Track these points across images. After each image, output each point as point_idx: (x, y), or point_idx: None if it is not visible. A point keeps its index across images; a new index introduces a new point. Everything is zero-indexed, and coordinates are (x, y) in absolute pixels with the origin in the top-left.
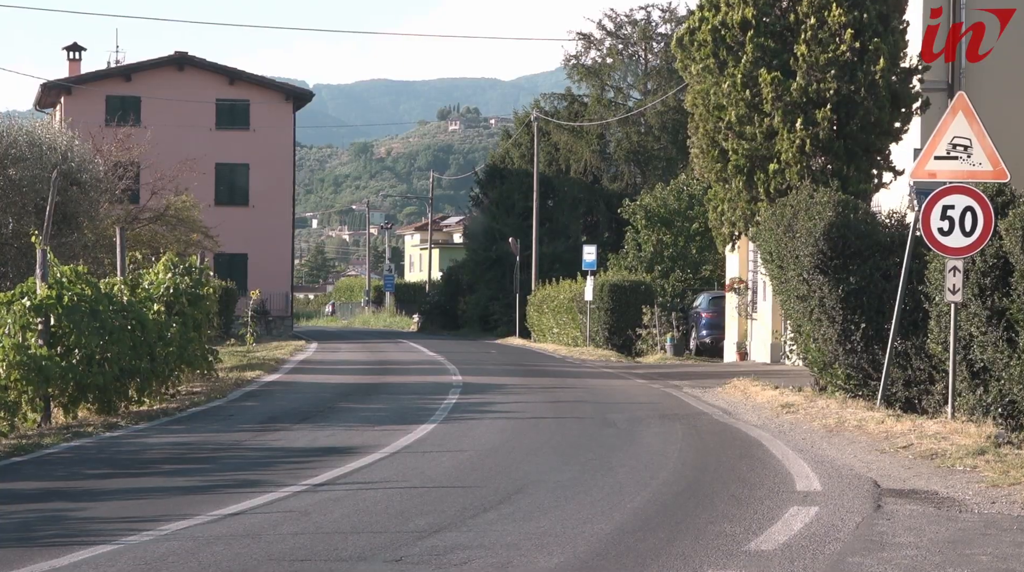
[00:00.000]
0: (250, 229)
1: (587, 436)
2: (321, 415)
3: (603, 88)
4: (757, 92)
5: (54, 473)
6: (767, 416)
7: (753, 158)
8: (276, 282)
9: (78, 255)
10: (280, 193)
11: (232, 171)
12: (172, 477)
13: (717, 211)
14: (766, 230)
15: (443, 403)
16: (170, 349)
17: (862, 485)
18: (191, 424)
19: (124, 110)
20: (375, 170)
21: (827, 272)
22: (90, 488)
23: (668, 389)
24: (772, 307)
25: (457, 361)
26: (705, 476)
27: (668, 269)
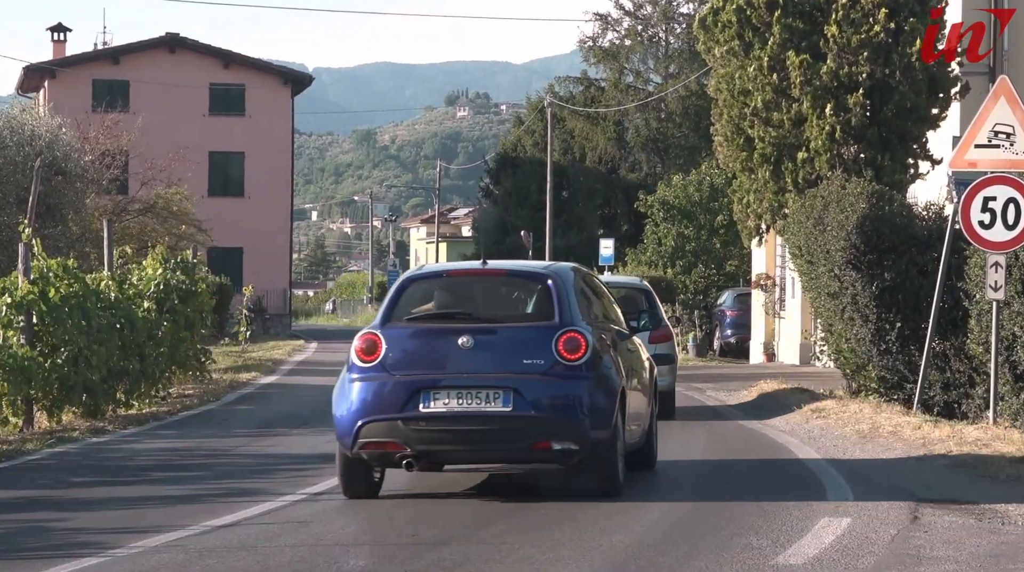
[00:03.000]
0: (246, 222)
1: None
2: (321, 419)
3: (621, 72)
4: (785, 76)
5: (37, 481)
6: (796, 421)
7: (780, 146)
8: (273, 278)
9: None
10: (278, 183)
11: (227, 160)
12: (162, 485)
13: (742, 203)
14: (795, 223)
15: None
16: (161, 349)
17: (897, 495)
18: (183, 429)
19: (112, 95)
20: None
21: (860, 268)
22: (75, 497)
23: (690, 392)
24: (801, 305)
25: None
26: (730, 485)
27: (690, 264)
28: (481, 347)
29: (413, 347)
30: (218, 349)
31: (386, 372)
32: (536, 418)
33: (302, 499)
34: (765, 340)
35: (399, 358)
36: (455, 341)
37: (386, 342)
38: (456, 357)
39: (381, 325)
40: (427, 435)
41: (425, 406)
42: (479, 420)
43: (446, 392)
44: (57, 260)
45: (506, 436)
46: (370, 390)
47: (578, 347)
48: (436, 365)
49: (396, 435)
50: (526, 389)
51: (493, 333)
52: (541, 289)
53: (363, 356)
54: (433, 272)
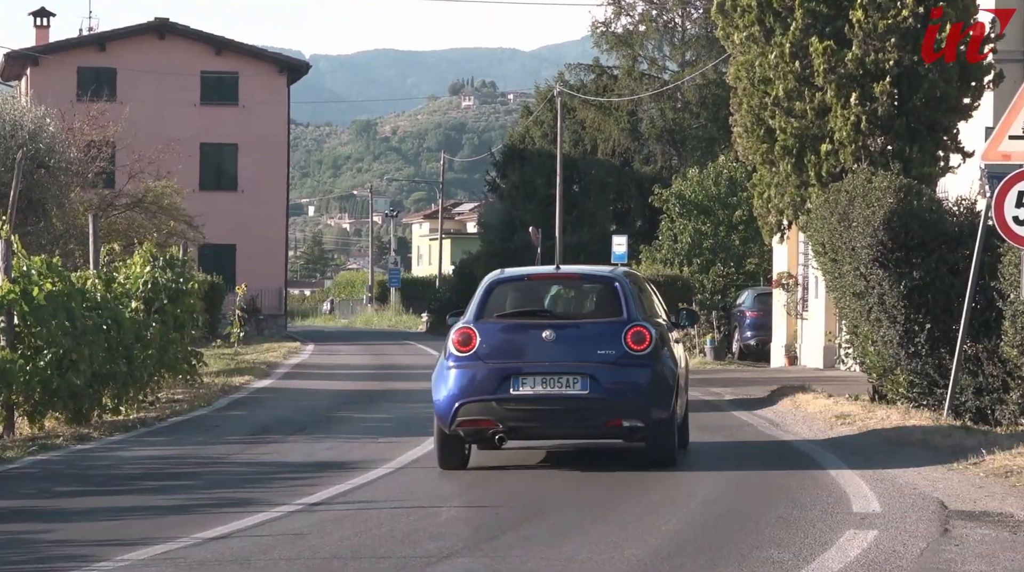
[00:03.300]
0: (239, 217)
1: (614, 450)
2: (318, 425)
3: (635, 59)
4: (808, 63)
5: (18, 490)
6: (819, 428)
7: (803, 138)
8: (268, 276)
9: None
10: (273, 177)
11: (219, 152)
12: (151, 495)
13: (763, 197)
14: (818, 219)
15: None
16: (149, 351)
17: (927, 506)
18: (172, 435)
19: (98, 83)
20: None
21: (887, 266)
22: (59, 507)
23: (708, 397)
24: (825, 305)
25: None
26: (749, 495)
27: (708, 262)
28: (561, 339)
29: (503, 339)
30: (209, 351)
31: (480, 360)
32: (609, 400)
33: (298, 510)
34: (787, 342)
35: (491, 348)
36: (539, 334)
37: (480, 335)
38: (540, 348)
39: (474, 320)
40: (517, 414)
41: (515, 389)
42: (561, 401)
43: (532, 377)
44: (40, 258)
45: (583, 415)
46: (466, 376)
47: (643, 339)
48: (523, 354)
49: (490, 414)
50: (600, 375)
51: (571, 328)
52: (609, 290)
53: (460, 347)
54: (516, 276)
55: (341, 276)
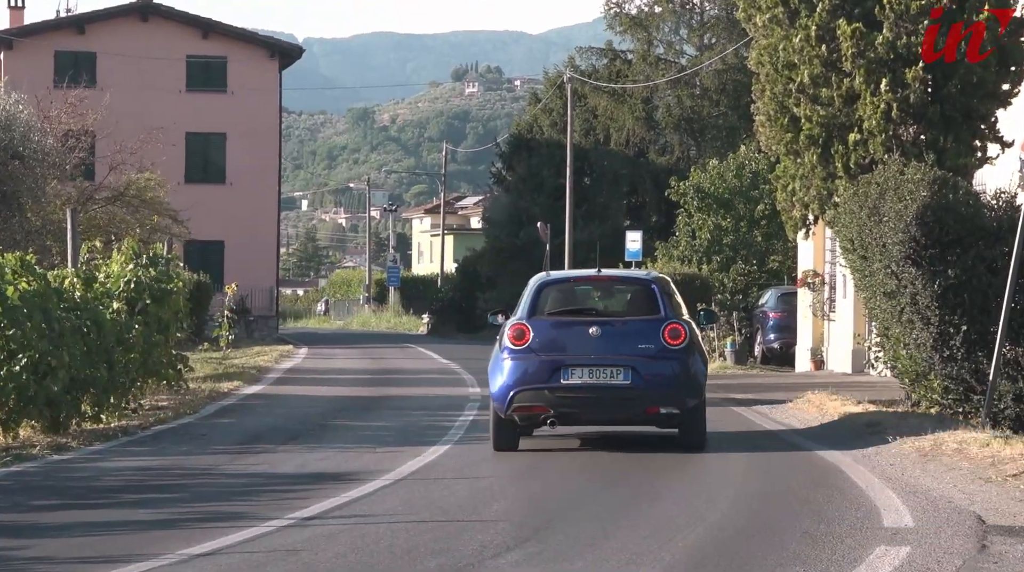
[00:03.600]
0: (227, 212)
1: (631, 459)
2: (312, 434)
3: (650, 43)
4: (835, 47)
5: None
6: (847, 437)
7: (830, 127)
8: (258, 275)
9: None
10: (263, 168)
11: (206, 142)
12: (133, 509)
13: (787, 190)
14: (846, 213)
15: (458, 420)
16: (131, 355)
17: (963, 521)
18: (156, 445)
19: (77, 68)
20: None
21: (920, 263)
22: (35, 522)
23: (728, 404)
24: (854, 306)
25: (475, 370)
26: (773, 509)
27: (728, 260)
28: (606, 335)
29: (554, 334)
30: (196, 355)
31: (533, 353)
32: (648, 389)
33: (290, 524)
34: (812, 345)
35: (543, 342)
36: (585, 330)
37: (533, 330)
38: (586, 342)
39: (527, 317)
40: (566, 401)
41: (565, 379)
42: (606, 390)
43: (580, 369)
44: (14, 255)
45: (626, 402)
46: (521, 367)
47: (679, 335)
48: (571, 348)
49: (543, 401)
50: (641, 367)
51: (614, 325)
52: (647, 291)
53: (515, 341)
54: (562, 278)
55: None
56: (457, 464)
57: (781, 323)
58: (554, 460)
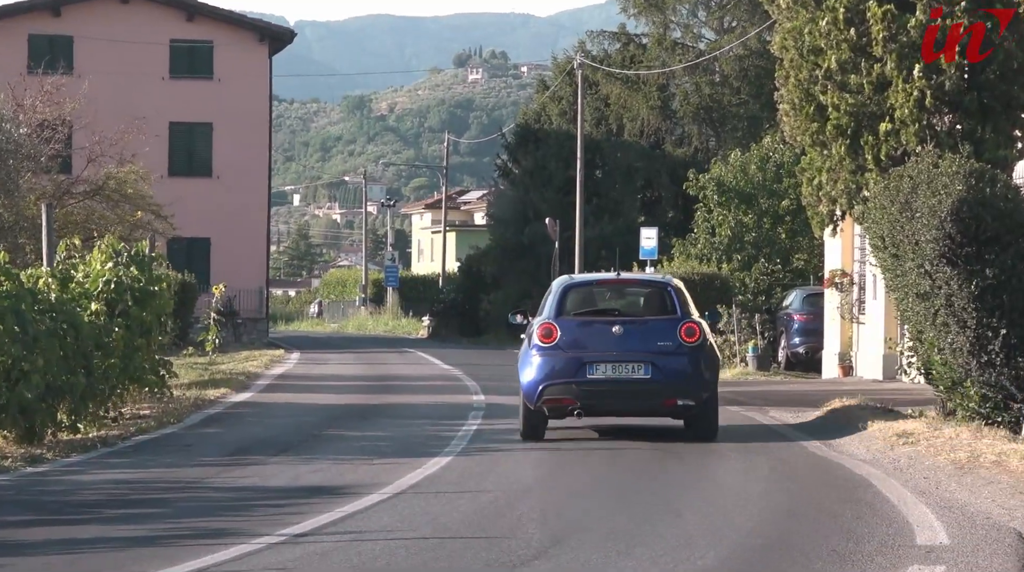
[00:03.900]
0: (214, 207)
1: (646, 472)
2: (305, 445)
3: (666, 26)
4: (865, 31)
5: None
6: (878, 448)
7: (859, 116)
8: (247, 275)
9: None
10: (253, 161)
11: (191, 132)
12: (113, 525)
13: (813, 184)
14: (876, 208)
15: (461, 430)
16: (111, 361)
17: (1002, 538)
18: (137, 457)
19: (52, 54)
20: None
21: (956, 262)
22: (8, 539)
23: (750, 412)
24: (885, 308)
25: (479, 376)
26: (798, 525)
27: (750, 258)
28: (627, 333)
29: (579, 332)
30: (180, 360)
31: (561, 350)
32: (667, 382)
33: (281, 541)
34: (840, 350)
35: (569, 340)
36: (609, 329)
37: (560, 329)
38: (609, 340)
39: (555, 317)
40: (592, 393)
41: (590, 373)
42: (628, 384)
43: (604, 364)
44: None
45: (646, 395)
46: (550, 362)
47: (694, 333)
48: (596, 345)
49: (570, 393)
50: (659, 363)
51: (634, 324)
52: (665, 292)
53: (543, 339)
54: (585, 281)
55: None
56: (460, 477)
57: (807, 326)
58: (565, 473)
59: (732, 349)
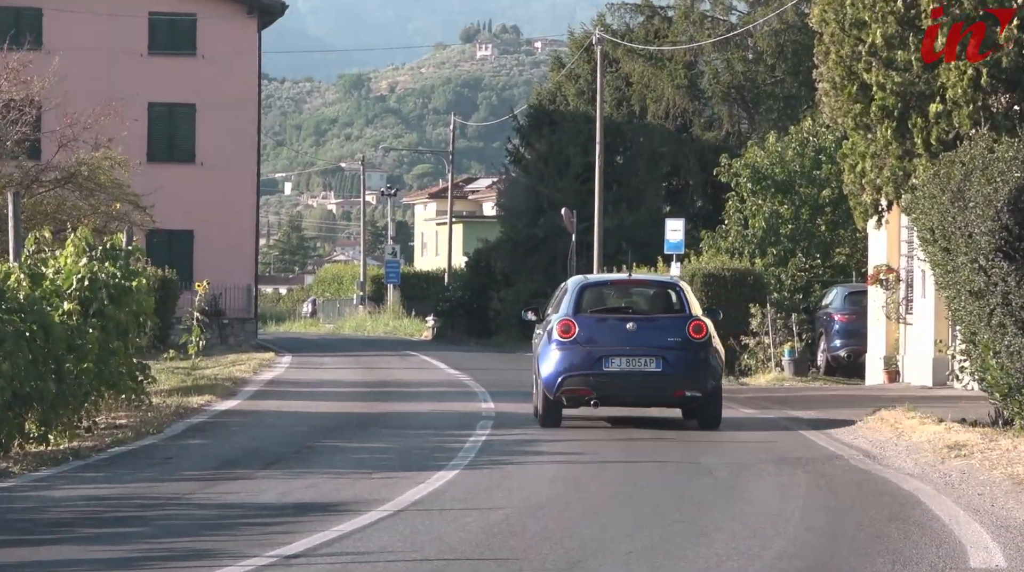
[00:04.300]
0: (198, 196)
1: (671, 488)
2: (297, 457)
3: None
4: (913, 2)
5: None
6: (928, 461)
7: (907, 96)
8: (234, 271)
9: None
10: (240, 145)
11: (172, 115)
12: (87, 545)
13: (856, 171)
14: (926, 198)
15: (469, 441)
16: (84, 365)
17: None
18: (113, 470)
19: (19, 28)
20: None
21: (1013, 257)
22: None
23: (786, 422)
24: (935, 307)
25: (488, 382)
26: (839, 547)
27: (786, 253)
28: (640, 330)
29: (595, 328)
30: (160, 365)
31: (579, 344)
32: (676, 375)
33: (271, 563)
34: (886, 354)
35: (587, 335)
36: (623, 325)
37: (578, 325)
38: (624, 336)
39: (572, 314)
40: (607, 384)
41: (606, 366)
42: (640, 376)
43: (619, 358)
44: None
45: (657, 387)
46: (568, 356)
47: (701, 330)
48: (611, 340)
49: (587, 384)
50: (669, 357)
51: (647, 321)
52: (673, 292)
53: (562, 334)
54: (600, 281)
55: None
56: (467, 492)
57: (848, 327)
58: (582, 489)
59: (766, 352)
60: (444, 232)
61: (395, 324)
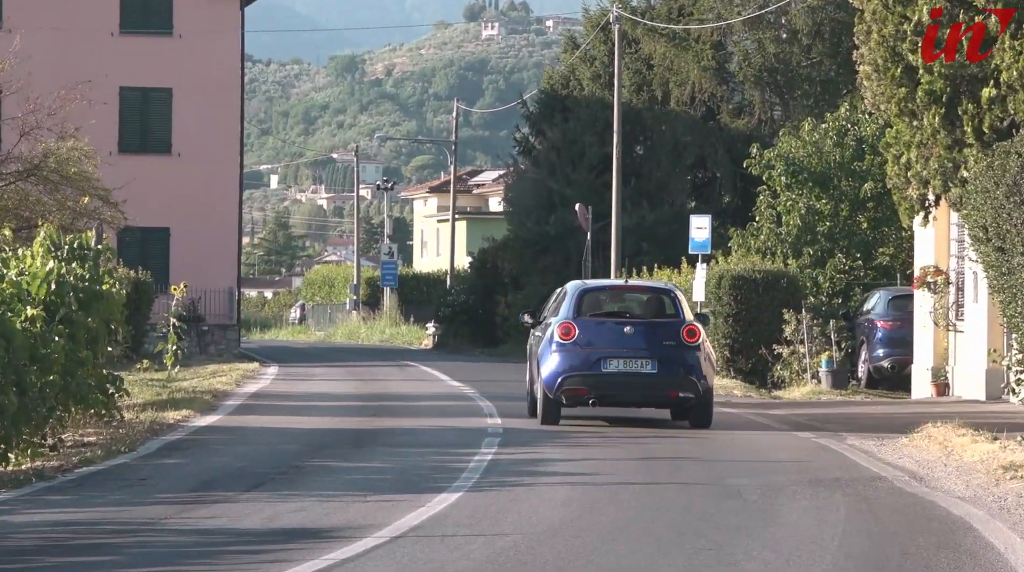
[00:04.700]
0: (174, 191)
1: (696, 513)
2: (284, 479)
3: None
4: None
5: None
6: (980, 483)
7: (956, 79)
8: (214, 272)
9: None
10: (221, 134)
11: (146, 101)
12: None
13: (901, 163)
14: (978, 192)
15: (473, 460)
16: (49, 377)
17: None
18: (81, 493)
19: None
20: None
21: None
22: None
23: (824, 440)
24: (988, 313)
25: (494, 396)
26: None
27: (824, 253)
28: (637, 333)
29: (595, 331)
30: (133, 376)
31: (578, 346)
32: (670, 377)
33: None
34: (934, 364)
35: (586, 338)
36: (621, 329)
37: (578, 328)
38: (622, 338)
39: (573, 317)
40: (605, 385)
41: (604, 368)
42: (637, 377)
43: (617, 360)
44: None
45: (652, 387)
46: (568, 357)
47: (694, 334)
48: (609, 343)
49: (586, 384)
50: (664, 359)
51: (643, 325)
52: (669, 298)
53: (563, 336)
54: (598, 286)
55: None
56: (472, 517)
57: (892, 335)
58: (597, 512)
59: (801, 363)
60: (446, 230)
61: (392, 331)
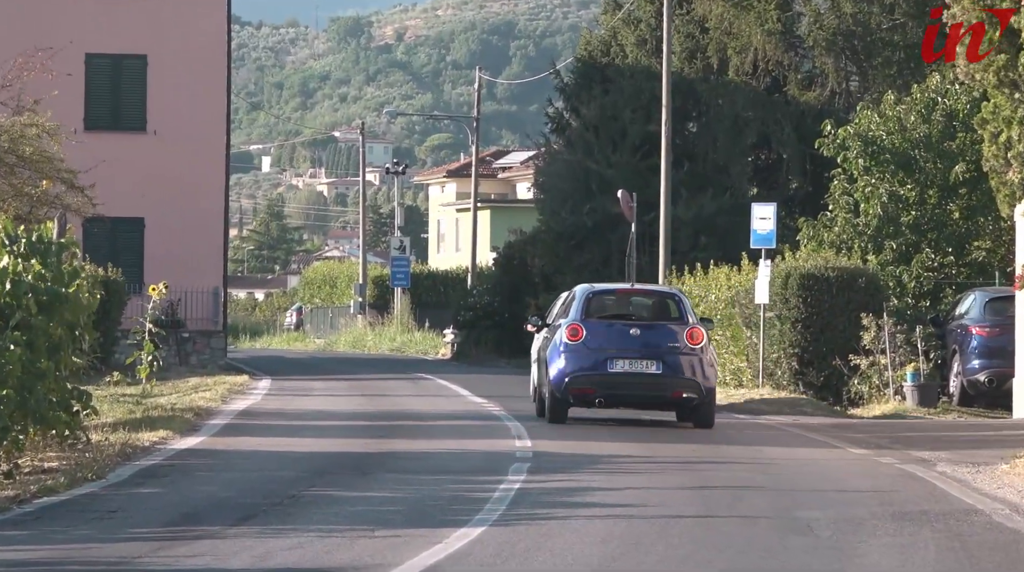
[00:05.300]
0: (150, 174)
1: (760, 550)
2: (278, 511)
3: None
4: None
5: None
6: None
7: None
8: (197, 270)
9: None
10: (204, 109)
11: (117, 69)
12: None
13: (999, 142)
14: None
15: (499, 489)
16: (4, 392)
17: None
18: (41, 528)
19: None
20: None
21: None
22: None
23: (909, 466)
24: None
25: (523, 415)
26: None
27: (909, 248)
28: (643, 335)
29: (602, 333)
30: (102, 391)
31: (586, 347)
32: (675, 378)
33: None
34: None
35: (593, 339)
36: (627, 330)
37: (585, 329)
38: (627, 339)
39: (581, 319)
40: (612, 384)
41: (611, 368)
42: (642, 377)
43: (623, 360)
44: None
45: (657, 388)
46: (576, 357)
47: (698, 337)
48: (616, 344)
49: (592, 384)
50: (669, 360)
51: (649, 327)
52: (673, 301)
53: (571, 337)
54: (606, 289)
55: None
56: (497, 555)
57: (990, 344)
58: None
59: (882, 376)
60: (466, 221)
61: (404, 339)
